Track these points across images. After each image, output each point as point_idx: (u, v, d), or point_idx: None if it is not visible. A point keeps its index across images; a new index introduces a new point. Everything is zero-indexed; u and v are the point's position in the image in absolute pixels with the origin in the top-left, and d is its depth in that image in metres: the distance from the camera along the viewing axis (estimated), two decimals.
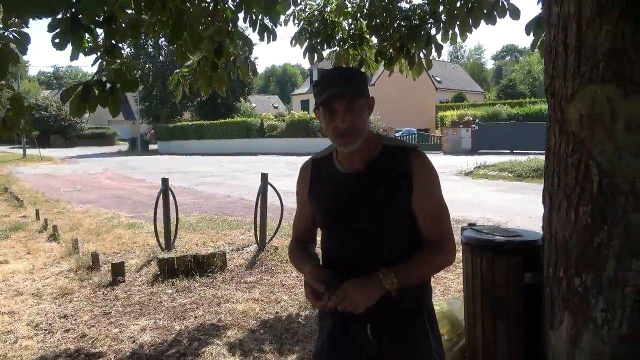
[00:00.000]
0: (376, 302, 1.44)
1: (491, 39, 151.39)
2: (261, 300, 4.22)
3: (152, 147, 40.92)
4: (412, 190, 1.45)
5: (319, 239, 1.68)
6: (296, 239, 1.70)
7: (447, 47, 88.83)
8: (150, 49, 38.40)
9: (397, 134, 30.10)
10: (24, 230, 7.61)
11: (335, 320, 1.56)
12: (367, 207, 1.46)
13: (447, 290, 4.34)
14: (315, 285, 1.42)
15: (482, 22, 4.31)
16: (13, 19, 3.01)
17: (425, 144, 28.53)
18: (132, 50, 37.05)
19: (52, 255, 5.92)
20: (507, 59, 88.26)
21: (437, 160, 20.82)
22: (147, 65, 38.29)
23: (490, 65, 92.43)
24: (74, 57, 3.22)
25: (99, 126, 50.48)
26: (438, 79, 44.79)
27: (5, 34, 2.99)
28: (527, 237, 2.32)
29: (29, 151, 32.91)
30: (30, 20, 2.83)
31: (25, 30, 3.05)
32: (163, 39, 4.85)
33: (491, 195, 10.35)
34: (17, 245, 6.59)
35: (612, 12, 1.61)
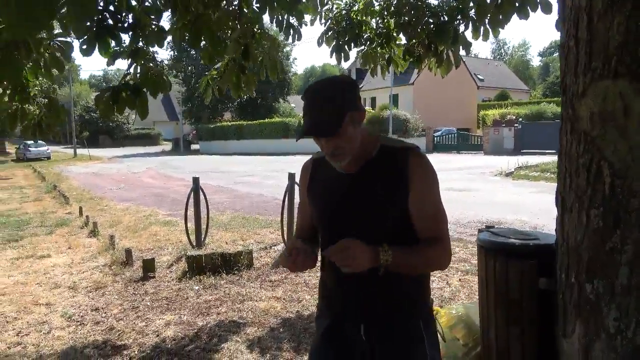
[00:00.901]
0: (369, 299, 1.44)
1: (538, 34, 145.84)
2: (283, 298, 4.25)
3: (194, 147, 42.06)
4: (408, 191, 1.41)
5: None
6: (297, 237, 1.71)
7: (490, 45, 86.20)
8: (193, 52, 39.44)
9: (436, 134, 29.61)
10: (67, 226, 7.99)
11: (330, 318, 1.56)
12: (362, 207, 1.44)
13: (473, 294, 4.22)
14: (296, 244, 1.41)
15: (515, 17, 4.18)
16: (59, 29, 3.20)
17: (466, 144, 27.88)
18: (175, 53, 38.22)
19: (91, 251, 6.19)
20: (555, 55, 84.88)
21: (477, 160, 20.33)
22: (189, 68, 39.38)
23: (536, 62, 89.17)
24: (109, 63, 3.36)
25: (145, 127, 52.32)
26: (480, 77, 43.66)
27: (51, 44, 3.18)
28: (544, 240, 2.22)
29: (79, 151, 34.59)
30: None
31: (69, 39, 3.24)
32: None
33: (530, 197, 9.99)
34: (60, 240, 6.93)
35: (624, 4, 1.52)
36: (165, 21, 4.03)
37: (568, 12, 1.76)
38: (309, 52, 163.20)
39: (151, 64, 3.46)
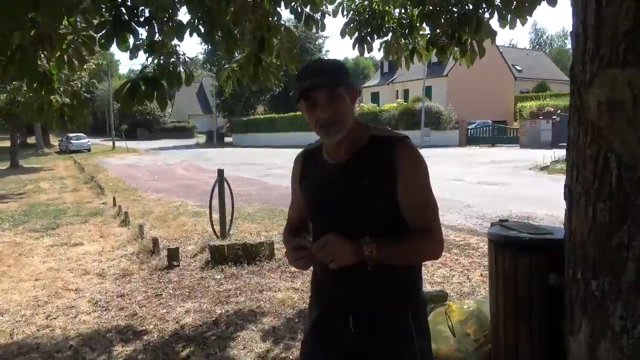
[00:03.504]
0: (357, 291, 1.43)
1: None
2: (301, 289, 4.28)
3: (227, 139, 42.69)
4: (396, 181, 1.40)
5: None
6: (288, 225, 1.73)
7: (527, 34, 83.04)
8: None
9: (470, 126, 28.94)
10: (101, 216, 8.30)
11: (320, 309, 1.56)
12: (349, 197, 1.43)
13: None
14: (301, 243, 1.41)
15: (545, 3, 4.04)
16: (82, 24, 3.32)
17: (502, 137, 27.11)
18: (209, 47, 38.77)
19: (121, 240, 6.41)
20: None
21: (513, 154, 19.77)
22: (222, 62, 39.90)
23: None
24: (132, 56, 3.46)
25: (180, 120, 53.52)
26: (518, 67, 42.35)
27: (76, 39, 3.30)
28: (556, 235, 2.15)
29: (118, 143, 35.73)
30: None
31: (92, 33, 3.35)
32: None
33: None
34: (93, 229, 7.21)
35: None
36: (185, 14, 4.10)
37: None
38: (341, 44, 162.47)
39: (173, 58, 3.54)
